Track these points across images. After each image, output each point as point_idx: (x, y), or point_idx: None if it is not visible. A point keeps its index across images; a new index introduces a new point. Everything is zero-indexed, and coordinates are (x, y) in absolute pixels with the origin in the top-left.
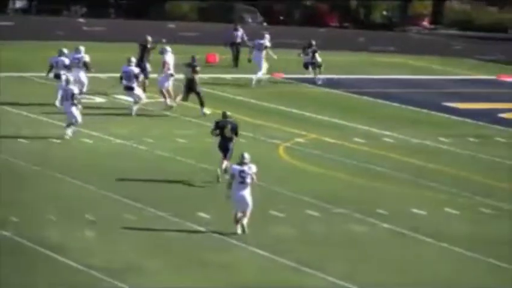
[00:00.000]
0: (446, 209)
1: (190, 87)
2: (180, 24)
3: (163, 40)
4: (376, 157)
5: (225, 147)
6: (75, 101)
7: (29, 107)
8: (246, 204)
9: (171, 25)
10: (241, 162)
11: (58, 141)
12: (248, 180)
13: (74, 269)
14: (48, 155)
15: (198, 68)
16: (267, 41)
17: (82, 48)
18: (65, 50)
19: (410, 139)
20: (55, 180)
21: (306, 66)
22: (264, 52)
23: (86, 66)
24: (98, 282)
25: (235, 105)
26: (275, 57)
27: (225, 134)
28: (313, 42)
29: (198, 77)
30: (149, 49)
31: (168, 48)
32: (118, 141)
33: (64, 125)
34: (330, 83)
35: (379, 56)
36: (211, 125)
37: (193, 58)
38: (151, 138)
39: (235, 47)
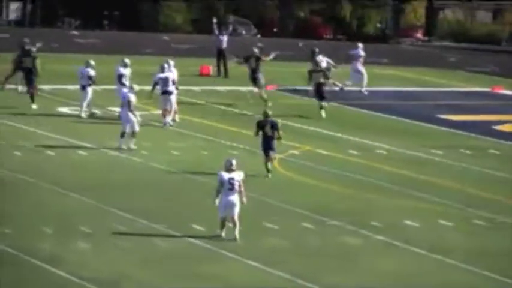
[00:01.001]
0: (440, 221)
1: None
2: (174, 36)
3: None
4: (370, 169)
5: (266, 146)
6: (132, 109)
7: (23, 118)
8: (233, 209)
9: (165, 37)
10: (229, 169)
11: (52, 153)
12: (236, 187)
13: (67, 280)
14: (42, 167)
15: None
16: (361, 51)
17: (92, 63)
18: (92, 62)
19: (404, 151)
20: (49, 192)
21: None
22: (360, 62)
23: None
24: None
25: (229, 118)
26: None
27: (266, 132)
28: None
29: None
30: None
31: (172, 63)
32: (112, 153)
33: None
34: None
35: (373, 68)
36: (206, 137)
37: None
38: (146, 150)
39: (221, 54)
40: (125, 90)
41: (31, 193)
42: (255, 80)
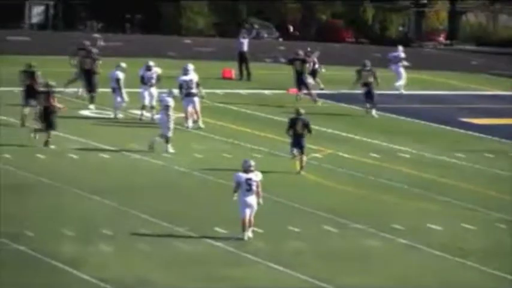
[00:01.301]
0: (463, 224)
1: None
2: (196, 39)
3: None
4: (392, 172)
5: (297, 144)
6: (170, 113)
7: None
8: (252, 209)
9: (187, 40)
10: (248, 170)
11: (74, 156)
12: (254, 187)
13: (89, 283)
14: (65, 170)
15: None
16: (401, 53)
17: (123, 65)
18: (123, 64)
19: (426, 154)
20: (71, 194)
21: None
22: (400, 63)
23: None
24: None
25: (250, 121)
26: (323, 70)
27: (297, 130)
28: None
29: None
30: None
31: (191, 67)
32: (134, 156)
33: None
34: (345, 98)
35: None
36: (229, 140)
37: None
38: (168, 153)
39: (243, 57)
40: (164, 94)
41: (53, 196)
42: (303, 83)
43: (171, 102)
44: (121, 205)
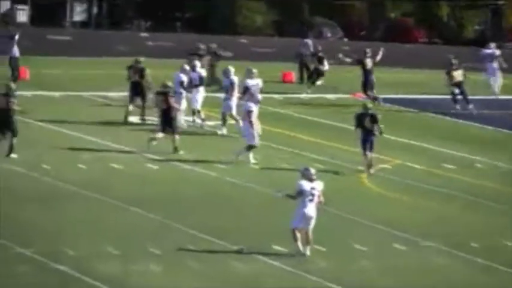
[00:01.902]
0: None
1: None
2: (253, 39)
3: None
4: (468, 185)
5: (365, 140)
6: (253, 120)
7: (87, 128)
8: (311, 222)
9: (243, 40)
10: (310, 178)
11: (119, 166)
12: (316, 198)
13: None
14: (108, 181)
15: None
16: (496, 50)
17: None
18: (186, 67)
19: (506, 165)
20: (114, 208)
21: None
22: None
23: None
24: None
25: (311, 128)
26: None
27: (365, 126)
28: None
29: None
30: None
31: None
32: (185, 166)
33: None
34: (414, 103)
35: (471, 74)
36: (288, 149)
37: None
38: (222, 163)
39: (303, 59)
40: (246, 99)
41: (95, 209)
42: (370, 83)
43: (254, 107)
44: (167, 219)
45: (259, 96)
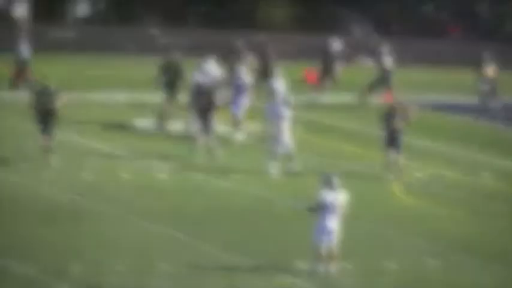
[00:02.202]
0: None
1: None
2: (273, 35)
3: None
4: (509, 196)
5: (391, 140)
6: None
7: (91, 133)
8: (333, 235)
9: (262, 36)
10: (332, 188)
11: (126, 175)
12: (339, 209)
13: None
14: (114, 192)
15: None
16: None
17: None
18: (206, 65)
19: None
20: (122, 221)
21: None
22: None
23: None
24: None
25: (335, 133)
26: None
27: (393, 125)
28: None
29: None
30: None
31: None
32: (199, 176)
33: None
34: (441, 107)
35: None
36: (311, 156)
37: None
38: (238, 173)
39: (327, 59)
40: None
41: (101, 223)
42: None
43: (286, 112)
44: (181, 233)
45: (290, 99)
